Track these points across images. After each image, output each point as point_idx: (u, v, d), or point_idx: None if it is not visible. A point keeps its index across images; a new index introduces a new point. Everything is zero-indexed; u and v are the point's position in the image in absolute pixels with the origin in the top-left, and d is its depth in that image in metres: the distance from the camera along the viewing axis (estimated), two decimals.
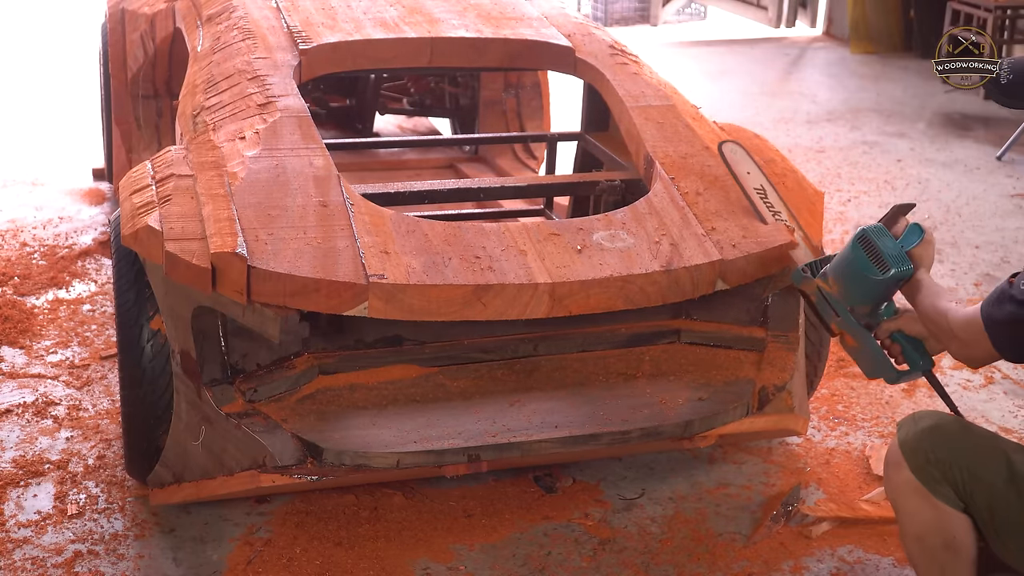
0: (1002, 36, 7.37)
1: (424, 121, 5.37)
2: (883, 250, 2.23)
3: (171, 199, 2.64)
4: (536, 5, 3.91)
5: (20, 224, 4.67)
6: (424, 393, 2.79)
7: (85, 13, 8.14)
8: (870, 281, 2.26)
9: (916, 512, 2.12)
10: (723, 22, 9.94)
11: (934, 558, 2.14)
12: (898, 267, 2.23)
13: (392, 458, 2.59)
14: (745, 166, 2.96)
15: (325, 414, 2.70)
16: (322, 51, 3.38)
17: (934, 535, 2.11)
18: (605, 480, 3.00)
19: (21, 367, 3.50)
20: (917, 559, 2.18)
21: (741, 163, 2.97)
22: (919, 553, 2.17)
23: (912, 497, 2.11)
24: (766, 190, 2.89)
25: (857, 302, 2.32)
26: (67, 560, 2.63)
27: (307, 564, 2.63)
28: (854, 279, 2.28)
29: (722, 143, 3.03)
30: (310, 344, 2.82)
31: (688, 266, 2.66)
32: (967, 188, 5.60)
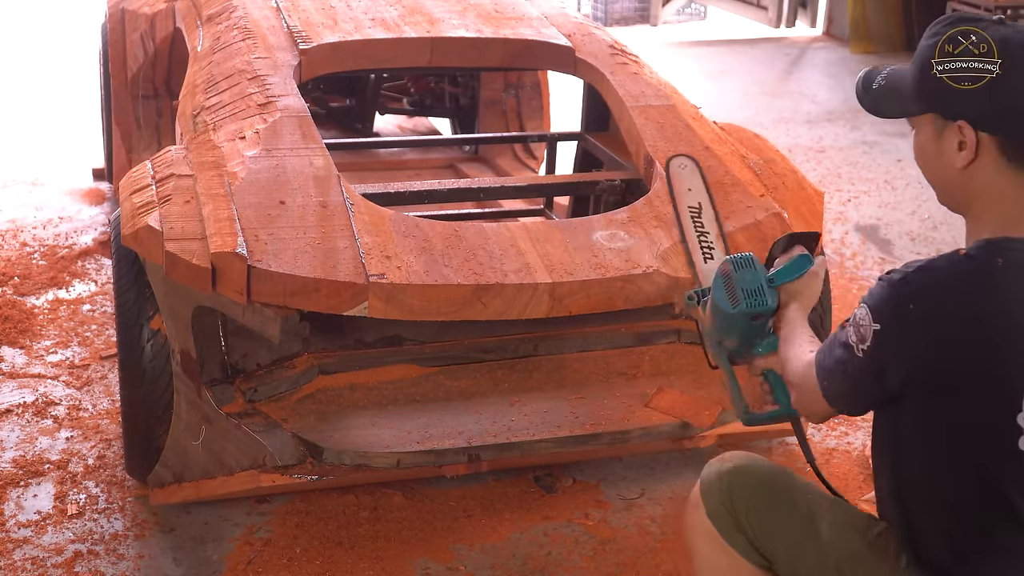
0: None
1: (424, 121, 5.37)
2: (737, 283, 2.01)
3: (171, 199, 2.64)
4: (536, 5, 3.91)
5: (20, 224, 4.67)
6: (424, 393, 2.79)
7: (85, 13, 8.13)
8: (725, 315, 2.04)
9: (709, 557, 1.92)
10: (723, 22, 9.93)
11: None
12: (747, 303, 1.99)
13: (392, 458, 2.59)
14: (688, 182, 2.87)
15: (325, 414, 2.70)
16: (322, 51, 3.38)
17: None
18: (605, 480, 3.00)
19: (21, 367, 3.50)
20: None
21: (686, 179, 2.88)
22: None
23: (706, 541, 1.91)
24: (702, 208, 2.79)
25: (723, 335, 2.09)
26: (67, 560, 2.63)
27: (307, 564, 2.63)
28: (715, 311, 2.08)
29: (671, 158, 2.95)
30: (310, 344, 2.82)
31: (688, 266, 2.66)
32: None
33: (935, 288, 1.62)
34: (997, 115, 1.64)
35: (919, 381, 1.64)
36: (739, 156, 3.09)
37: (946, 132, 1.69)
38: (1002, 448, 1.61)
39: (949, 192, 1.74)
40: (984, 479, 1.64)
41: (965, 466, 1.65)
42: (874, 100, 1.84)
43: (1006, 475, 1.62)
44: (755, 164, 3.07)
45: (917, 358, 1.63)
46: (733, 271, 2.02)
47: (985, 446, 1.62)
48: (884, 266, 4.55)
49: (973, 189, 1.68)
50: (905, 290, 1.63)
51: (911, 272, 1.64)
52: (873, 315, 1.65)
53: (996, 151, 1.65)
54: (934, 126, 1.72)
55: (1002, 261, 1.60)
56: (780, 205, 2.89)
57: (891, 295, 1.64)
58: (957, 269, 1.62)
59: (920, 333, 1.61)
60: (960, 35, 1.67)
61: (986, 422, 1.62)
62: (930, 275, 1.62)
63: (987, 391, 1.60)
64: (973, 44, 1.65)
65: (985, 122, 1.65)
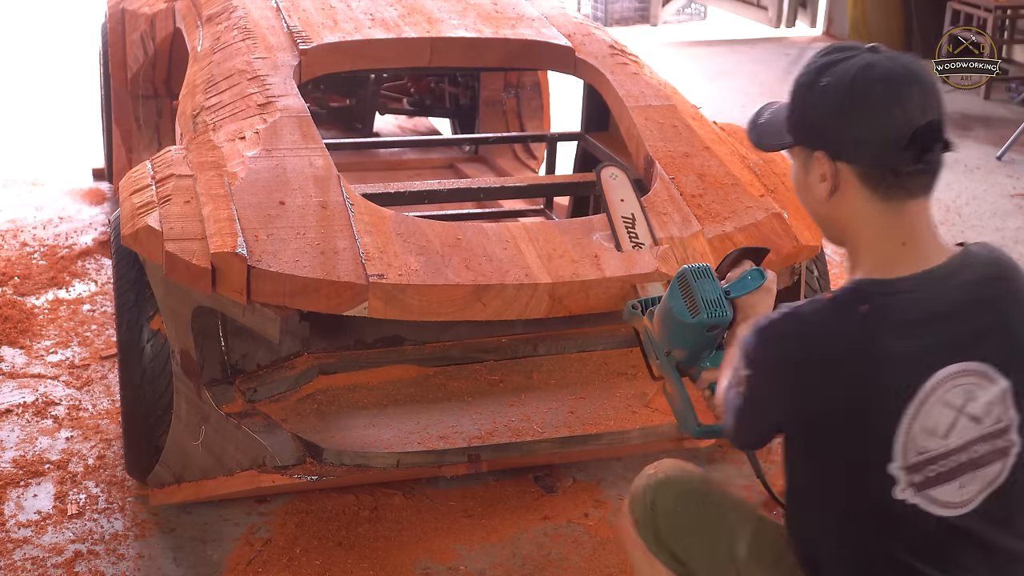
0: (1002, 36, 7.38)
1: (424, 121, 5.37)
2: (697, 292, 1.97)
3: (171, 199, 2.64)
4: (536, 5, 3.91)
5: (20, 224, 4.66)
6: (424, 393, 2.79)
7: (85, 13, 8.13)
8: (681, 325, 1.99)
9: (639, 565, 1.92)
10: (723, 22, 9.93)
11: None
12: (708, 312, 1.96)
13: (392, 458, 2.60)
14: (620, 193, 2.83)
15: (325, 414, 2.70)
16: (322, 51, 3.38)
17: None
18: (605, 480, 3.00)
19: (21, 367, 3.50)
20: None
21: (618, 189, 2.84)
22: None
23: (635, 550, 1.91)
24: (635, 219, 2.76)
25: (674, 346, 2.05)
26: (67, 560, 2.63)
27: (307, 564, 2.63)
28: (668, 321, 2.03)
29: (601, 167, 2.90)
30: (310, 344, 2.82)
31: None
32: (967, 188, 5.60)
33: (796, 335, 1.59)
34: (848, 144, 1.60)
35: (791, 427, 1.63)
36: (739, 156, 3.09)
37: (810, 164, 1.66)
38: (876, 499, 1.57)
39: (825, 225, 1.71)
40: (863, 531, 1.60)
41: (842, 514, 1.62)
42: (759, 134, 1.81)
43: (884, 527, 1.59)
44: (755, 164, 3.07)
45: (784, 405, 1.61)
46: (692, 280, 1.98)
47: (860, 496, 1.59)
48: None
49: (843, 221, 1.65)
50: (770, 337, 1.61)
51: (776, 318, 1.61)
52: (744, 360, 1.64)
53: (857, 181, 1.61)
54: (801, 158, 1.69)
55: (867, 308, 1.56)
56: (780, 205, 2.89)
57: (757, 341, 1.62)
58: (819, 315, 1.58)
59: (783, 380, 1.60)
60: (827, 65, 1.63)
61: (858, 471, 1.58)
62: (792, 321, 1.59)
63: (855, 440, 1.57)
64: (834, 74, 1.61)
65: (839, 151, 1.61)
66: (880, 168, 1.59)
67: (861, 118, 1.58)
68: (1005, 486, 1.61)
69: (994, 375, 1.59)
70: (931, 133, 1.59)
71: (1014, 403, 1.61)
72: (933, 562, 1.59)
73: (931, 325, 1.56)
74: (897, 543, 1.59)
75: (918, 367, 1.55)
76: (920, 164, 1.59)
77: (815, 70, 1.64)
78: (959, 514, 1.58)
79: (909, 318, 1.56)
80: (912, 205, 1.62)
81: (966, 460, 1.57)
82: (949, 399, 1.56)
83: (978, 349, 1.58)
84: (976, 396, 1.57)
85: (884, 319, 1.56)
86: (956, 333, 1.57)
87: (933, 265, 1.61)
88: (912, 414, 1.55)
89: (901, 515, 1.57)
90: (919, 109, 1.59)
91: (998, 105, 7.12)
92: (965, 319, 1.58)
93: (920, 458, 1.56)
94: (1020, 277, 1.66)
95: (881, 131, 1.57)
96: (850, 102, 1.58)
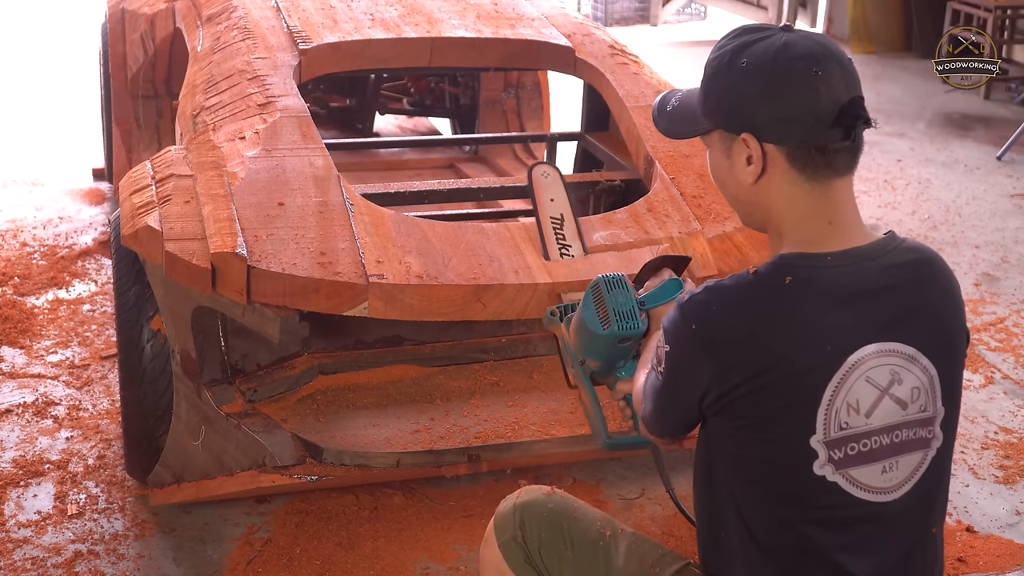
0: (1002, 36, 7.38)
1: (424, 121, 5.38)
2: (609, 304, 1.93)
3: (171, 199, 2.64)
4: (536, 5, 3.91)
5: (20, 224, 4.66)
6: (424, 393, 2.79)
7: (85, 13, 8.13)
8: (593, 335, 1.95)
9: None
10: (723, 22, 9.94)
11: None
12: (619, 325, 1.91)
13: (392, 458, 2.60)
14: (551, 192, 2.77)
15: (325, 414, 2.70)
16: (322, 51, 3.38)
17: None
18: (605, 480, 3.00)
19: (21, 367, 3.50)
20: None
21: (548, 188, 2.79)
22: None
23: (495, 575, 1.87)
24: (564, 219, 2.70)
25: (588, 356, 2.00)
26: (67, 560, 2.63)
27: (307, 564, 2.63)
28: (581, 331, 1.98)
29: (534, 165, 2.84)
30: (310, 344, 2.82)
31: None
32: (967, 188, 5.60)
33: (719, 308, 1.57)
34: (775, 124, 1.57)
35: (712, 403, 1.60)
36: None
37: (734, 147, 1.63)
38: (796, 474, 1.55)
39: (748, 211, 1.69)
40: (784, 508, 1.58)
41: (764, 495, 1.59)
42: (668, 122, 1.78)
43: (805, 502, 1.57)
44: None
45: (705, 379, 1.58)
46: (605, 290, 1.94)
47: (781, 472, 1.57)
48: None
49: (769, 204, 1.62)
50: (690, 310, 1.58)
51: (698, 292, 1.59)
52: (665, 336, 1.62)
53: (784, 162, 1.58)
54: (722, 142, 1.65)
55: (791, 279, 1.54)
56: None
57: (678, 316, 1.60)
58: (742, 288, 1.57)
59: (704, 354, 1.57)
60: (743, 46, 1.61)
61: (779, 446, 1.56)
62: (715, 295, 1.57)
63: (777, 414, 1.54)
64: (752, 55, 1.59)
65: (766, 132, 1.58)
66: (808, 147, 1.57)
67: (787, 97, 1.56)
68: (924, 479, 1.60)
69: (922, 360, 1.58)
70: (855, 110, 1.56)
71: (941, 394, 1.60)
72: (849, 545, 1.57)
73: (856, 300, 1.55)
74: (815, 522, 1.57)
75: (842, 340, 1.54)
76: (848, 141, 1.57)
77: (730, 52, 1.62)
78: (882, 500, 1.57)
79: (833, 292, 1.55)
80: (838, 183, 1.60)
81: (888, 443, 1.56)
82: (873, 377, 1.55)
83: (905, 332, 1.56)
84: (902, 379, 1.56)
85: (808, 291, 1.55)
86: (882, 312, 1.56)
87: (858, 244, 1.60)
88: (835, 387, 1.53)
89: (821, 492, 1.55)
90: (842, 85, 1.56)
91: (998, 105, 7.13)
92: (891, 300, 1.57)
93: (841, 433, 1.54)
94: (945, 269, 1.66)
95: (808, 109, 1.55)
96: (774, 81, 1.56)
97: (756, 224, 1.69)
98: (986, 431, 3.33)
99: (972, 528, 2.86)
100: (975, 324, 4.02)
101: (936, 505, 1.64)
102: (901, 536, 1.60)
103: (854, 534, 1.58)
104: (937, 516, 1.65)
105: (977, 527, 2.87)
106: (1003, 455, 3.20)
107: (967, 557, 2.74)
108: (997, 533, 2.85)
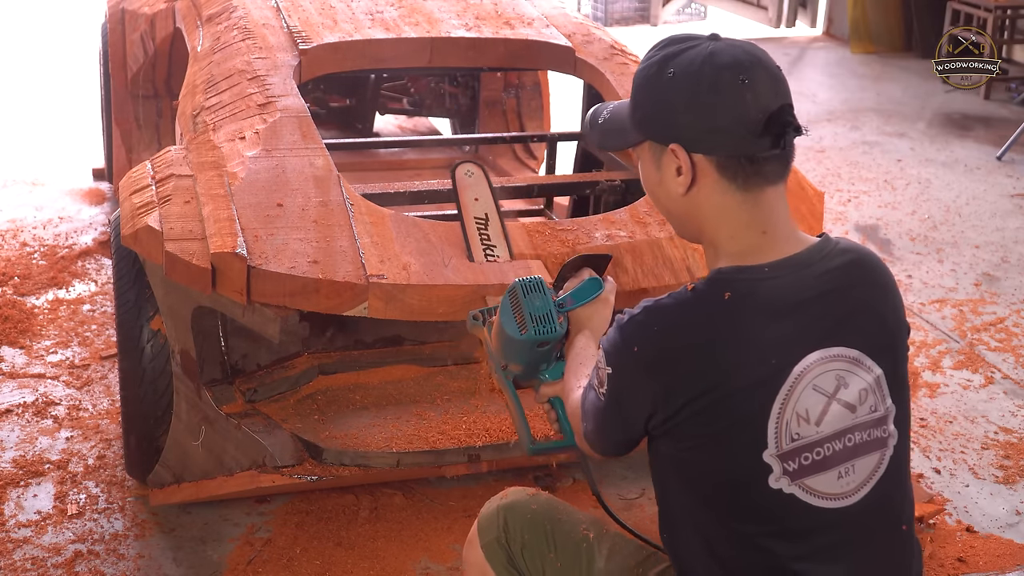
0: (1002, 36, 7.38)
1: (424, 121, 5.38)
2: (526, 308, 1.89)
3: (171, 199, 2.64)
4: (536, 5, 3.91)
5: (20, 224, 4.67)
6: (424, 393, 2.79)
7: (85, 13, 8.14)
8: (511, 340, 1.91)
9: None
10: (723, 22, 9.93)
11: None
12: (535, 329, 1.88)
13: (392, 458, 2.60)
14: (475, 191, 2.72)
15: (325, 414, 2.70)
16: (322, 51, 3.38)
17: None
18: (605, 480, 3.00)
19: (21, 367, 3.50)
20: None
21: (472, 188, 2.74)
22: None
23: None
24: (488, 219, 2.65)
25: (509, 360, 1.97)
26: (67, 560, 2.63)
27: (307, 564, 2.63)
28: (501, 335, 1.94)
29: (457, 164, 2.79)
30: (310, 344, 2.82)
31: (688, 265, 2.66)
32: (967, 188, 5.60)
33: (659, 329, 1.54)
34: (703, 133, 1.55)
35: (659, 425, 1.58)
36: None
37: (663, 159, 1.61)
38: (751, 490, 1.53)
39: (681, 223, 1.67)
40: (741, 524, 1.56)
41: (720, 513, 1.58)
42: (600, 135, 1.76)
43: (761, 517, 1.55)
44: None
45: (649, 401, 1.56)
46: (521, 295, 1.90)
47: (735, 489, 1.55)
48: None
49: (701, 216, 1.61)
50: (630, 332, 1.56)
51: (637, 312, 1.57)
52: (607, 359, 1.60)
53: (714, 172, 1.57)
54: (652, 154, 1.64)
55: (730, 295, 1.53)
56: None
57: (618, 337, 1.58)
58: (682, 307, 1.55)
59: (648, 376, 1.55)
60: (669, 56, 1.58)
61: (731, 464, 1.54)
62: (655, 315, 1.56)
63: (726, 432, 1.52)
64: (679, 64, 1.57)
65: (694, 142, 1.56)
66: (738, 156, 1.56)
67: (714, 106, 1.54)
68: (885, 478, 1.59)
69: (866, 361, 1.57)
70: (784, 117, 1.54)
71: (890, 391, 1.59)
72: (811, 555, 1.56)
73: (796, 310, 1.54)
74: (773, 536, 1.55)
75: (786, 352, 1.53)
76: (777, 149, 1.56)
77: (657, 63, 1.60)
78: (841, 506, 1.55)
79: (773, 304, 1.54)
80: (770, 192, 1.59)
81: (841, 449, 1.55)
82: (820, 384, 1.54)
83: (846, 335, 1.56)
84: (848, 383, 1.55)
85: (748, 305, 1.53)
86: (822, 319, 1.55)
87: (793, 252, 1.59)
88: (783, 399, 1.52)
89: (777, 505, 1.54)
90: (770, 93, 1.55)
91: (998, 105, 7.13)
92: (831, 305, 1.56)
93: (793, 445, 1.53)
94: (880, 267, 1.65)
95: (736, 118, 1.53)
96: (700, 91, 1.54)
97: (691, 236, 1.68)
98: (986, 431, 3.33)
99: (972, 528, 2.86)
100: (975, 324, 4.02)
101: (901, 502, 1.63)
102: (868, 538, 1.59)
103: (816, 543, 1.56)
104: (905, 513, 1.63)
105: (977, 527, 2.87)
106: (1003, 455, 3.20)
107: (967, 557, 2.74)
108: (997, 533, 2.85)
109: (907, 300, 4.20)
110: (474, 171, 2.76)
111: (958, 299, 4.23)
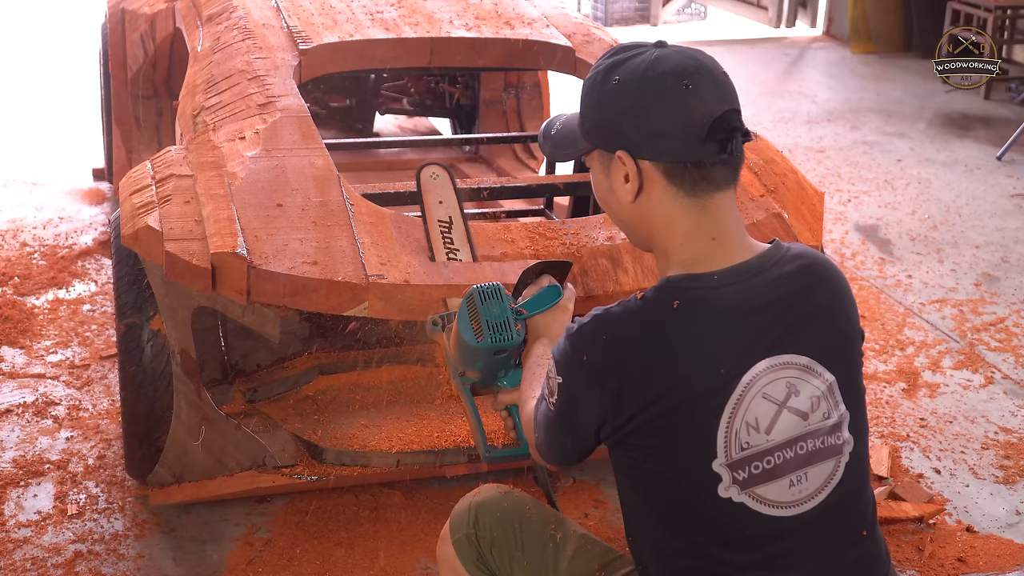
0: (1002, 36, 7.38)
1: (424, 121, 5.38)
2: (483, 316, 1.87)
3: (171, 199, 2.64)
4: (536, 5, 3.91)
5: (20, 224, 4.67)
6: (424, 393, 2.79)
7: (85, 13, 8.14)
8: (467, 347, 1.89)
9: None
10: (723, 22, 9.94)
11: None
12: (492, 337, 1.86)
13: (392, 458, 2.60)
14: (439, 194, 2.69)
15: (325, 414, 2.70)
16: (322, 51, 3.38)
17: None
18: (605, 480, 3.00)
19: (21, 367, 3.50)
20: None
21: (437, 190, 2.72)
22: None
23: (452, 572, 1.87)
24: (452, 223, 2.62)
25: (466, 368, 1.95)
26: (67, 560, 2.63)
27: (307, 564, 2.63)
28: (458, 342, 1.92)
29: (423, 166, 2.75)
30: (310, 344, 2.82)
31: None
32: (967, 188, 5.60)
33: (608, 338, 1.54)
34: (648, 140, 1.55)
35: (609, 434, 1.57)
36: None
37: (612, 166, 1.62)
38: (700, 499, 1.53)
39: (633, 230, 1.67)
40: (693, 534, 1.56)
41: (673, 522, 1.57)
42: (552, 145, 1.77)
43: (713, 526, 1.54)
44: (755, 164, 3.07)
45: (599, 410, 1.56)
46: (479, 302, 1.88)
47: (686, 499, 1.55)
48: (884, 266, 4.55)
49: (651, 223, 1.61)
50: (580, 341, 1.56)
51: (587, 322, 1.57)
52: (557, 368, 1.59)
53: (662, 179, 1.57)
54: (601, 162, 1.65)
55: (678, 303, 1.53)
56: (780, 205, 2.89)
57: (569, 347, 1.57)
58: (631, 316, 1.54)
59: (597, 385, 1.55)
60: (615, 64, 1.59)
61: (681, 473, 1.54)
62: (604, 324, 1.55)
63: (676, 442, 1.52)
64: (624, 72, 1.57)
65: (640, 149, 1.57)
66: (684, 162, 1.56)
67: (658, 112, 1.54)
68: (841, 485, 1.57)
69: (818, 368, 1.56)
70: (729, 123, 1.54)
71: (843, 398, 1.58)
72: (762, 563, 1.55)
73: (746, 319, 1.54)
74: (724, 545, 1.54)
75: (735, 360, 1.52)
76: (724, 155, 1.55)
77: (603, 71, 1.61)
78: (793, 514, 1.55)
79: (723, 312, 1.53)
80: (718, 198, 1.59)
81: (793, 457, 1.54)
82: (770, 392, 1.53)
83: (797, 342, 1.55)
84: (799, 390, 1.54)
85: (697, 314, 1.53)
86: (773, 326, 1.54)
87: (744, 259, 1.58)
88: (732, 408, 1.51)
89: (727, 514, 1.53)
90: (715, 99, 1.55)
91: (998, 105, 7.13)
92: (782, 312, 1.55)
93: (743, 454, 1.52)
94: (833, 272, 1.64)
95: (680, 123, 1.54)
96: (644, 97, 1.55)
97: (642, 244, 1.67)
98: (986, 431, 3.33)
99: (972, 528, 2.86)
100: (975, 324, 4.02)
101: (859, 509, 1.61)
102: (824, 546, 1.58)
103: (768, 551, 1.55)
104: (866, 519, 1.62)
105: (977, 527, 2.87)
106: (1003, 455, 3.20)
107: (967, 557, 2.74)
108: (997, 533, 2.85)
109: (907, 300, 4.20)
110: (439, 174, 2.74)
111: (958, 299, 4.24)
